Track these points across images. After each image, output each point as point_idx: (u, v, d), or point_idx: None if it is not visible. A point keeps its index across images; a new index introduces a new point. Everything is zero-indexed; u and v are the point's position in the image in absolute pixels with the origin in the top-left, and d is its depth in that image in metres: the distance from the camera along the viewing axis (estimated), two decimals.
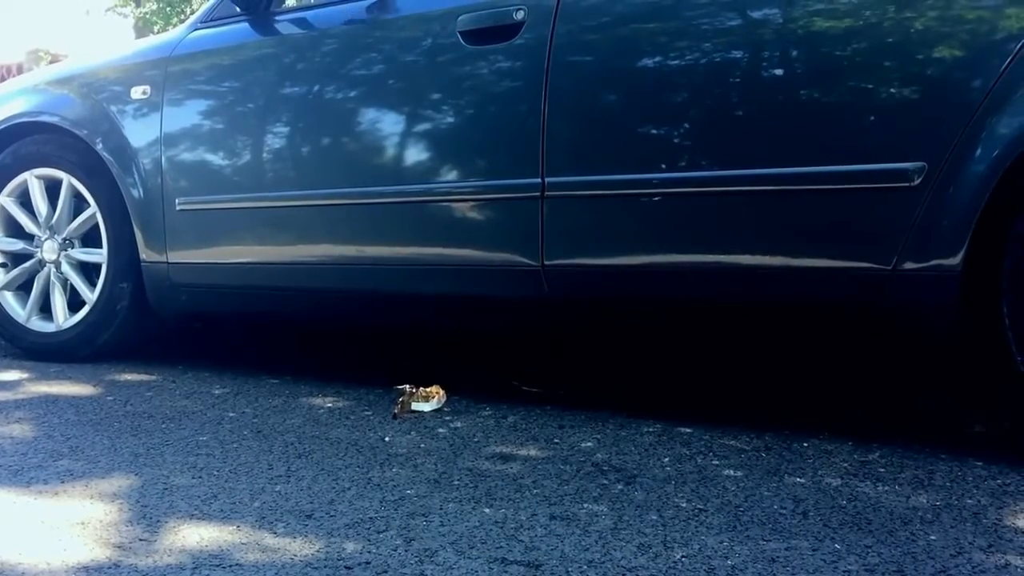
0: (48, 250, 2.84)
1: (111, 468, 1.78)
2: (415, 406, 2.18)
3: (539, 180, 2.06)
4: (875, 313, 1.82)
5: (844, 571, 1.28)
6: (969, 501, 1.55)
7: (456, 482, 1.67)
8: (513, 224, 2.14)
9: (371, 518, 1.50)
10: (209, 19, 2.68)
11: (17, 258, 2.93)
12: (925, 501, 1.55)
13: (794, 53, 1.85)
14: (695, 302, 2.01)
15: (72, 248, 2.83)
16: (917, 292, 1.75)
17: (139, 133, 2.66)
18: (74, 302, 2.85)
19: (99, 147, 2.71)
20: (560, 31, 2.06)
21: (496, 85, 2.16)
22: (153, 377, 2.63)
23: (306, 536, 1.42)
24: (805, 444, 1.89)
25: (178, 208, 2.59)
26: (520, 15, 2.10)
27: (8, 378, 2.62)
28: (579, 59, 2.06)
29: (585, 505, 1.55)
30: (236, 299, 2.64)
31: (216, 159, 2.55)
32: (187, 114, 2.61)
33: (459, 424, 2.08)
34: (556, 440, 1.94)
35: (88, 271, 2.84)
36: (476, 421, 2.11)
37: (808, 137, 1.82)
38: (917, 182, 1.71)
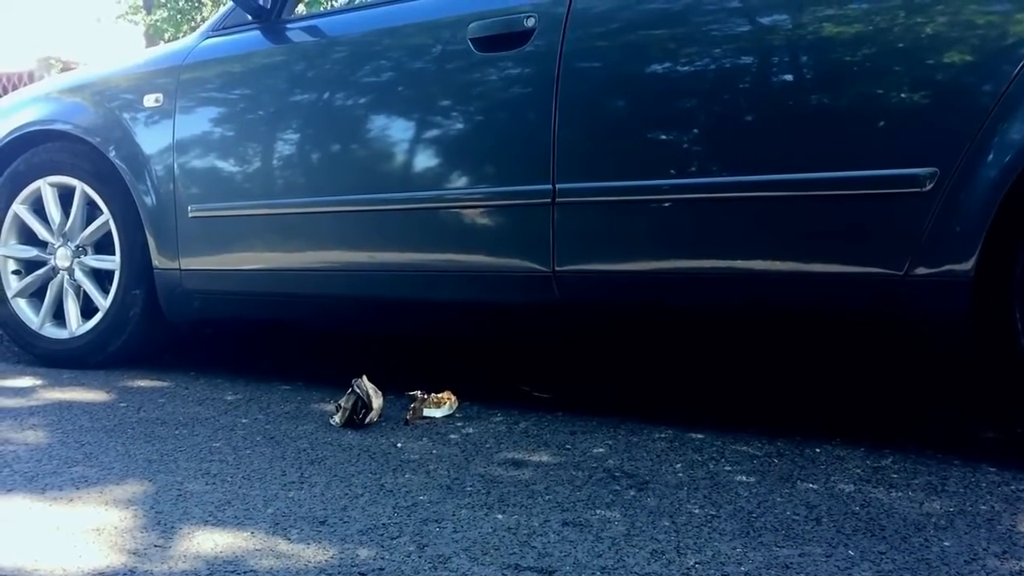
0: (61, 257, 2.86)
1: (125, 474, 1.78)
2: (427, 412, 2.19)
3: (550, 186, 2.06)
4: (886, 319, 1.81)
5: None
6: (983, 507, 1.55)
7: (469, 488, 1.68)
8: (524, 230, 2.14)
9: (384, 524, 1.50)
10: (221, 27, 2.69)
11: (31, 265, 2.95)
12: (939, 507, 1.55)
13: (804, 59, 1.85)
14: (706, 307, 2.01)
15: (85, 255, 2.85)
16: (928, 298, 1.74)
17: (151, 141, 2.68)
18: (87, 309, 2.86)
19: (112, 155, 2.72)
20: (570, 38, 2.06)
21: (506, 92, 2.16)
22: (166, 383, 2.64)
23: (320, 542, 1.43)
24: (818, 450, 1.89)
25: (190, 215, 2.60)
26: (530, 22, 2.11)
27: (22, 385, 2.64)
28: (589, 65, 2.06)
29: (598, 511, 1.55)
30: (248, 305, 2.65)
31: (228, 166, 2.56)
32: (199, 122, 2.62)
33: (471, 430, 2.09)
34: (568, 446, 1.95)
35: (101, 278, 2.85)
36: (488, 427, 2.11)
37: (819, 142, 1.82)
38: (929, 187, 1.71)
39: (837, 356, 2.49)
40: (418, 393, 2.22)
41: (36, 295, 2.95)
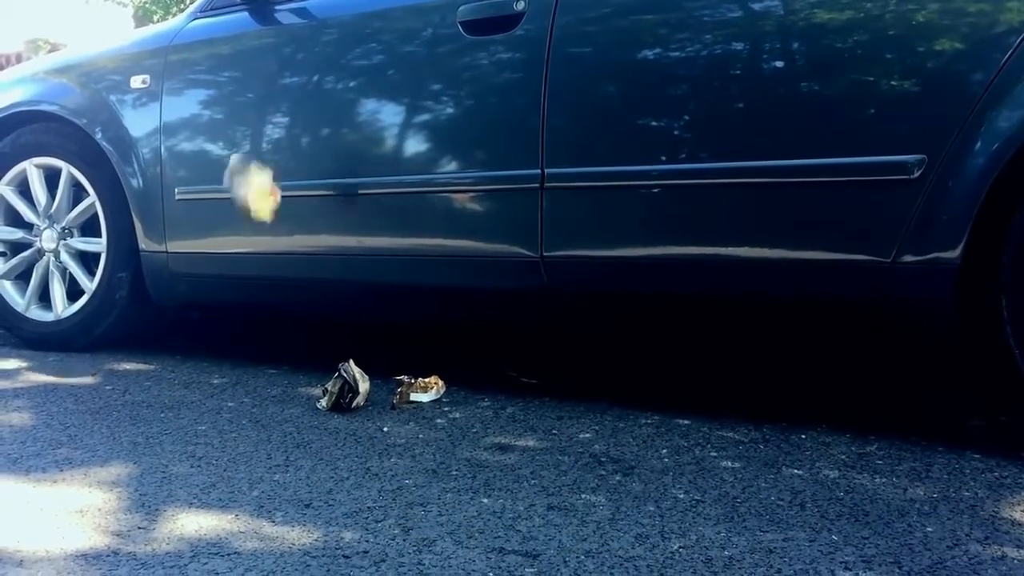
0: (47, 239, 2.84)
1: (110, 457, 1.78)
2: (414, 397, 2.18)
3: (539, 171, 2.06)
4: (874, 306, 1.82)
5: (841, 562, 1.28)
6: (966, 493, 1.56)
7: (454, 472, 1.68)
8: (513, 215, 2.14)
9: (369, 508, 1.50)
10: (209, 8, 2.67)
11: (16, 247, 2.94)
12: (922, 493, 1.56)
13: (795, 45, 1.84)
14: (694, 294, 2.01)
15: (71, 237, 2.83)
16: (916, 285, 1.75)
17: (138, 122, 2.66)
18: (73, 291, 2.85)
19: (98, 136, 2.71)
20: (560, 22, 2.05)
21: (496, 76, 2.15)
22: (152, 367, 2.63)
23: (304, 525, 1.43)
24: (803, 436, 1.89)
25: (177, 198, 2.59)
26: (520, 6, 2.10)
27: (7, 367, 2.62)
28: (579, 50, 2.05)
29: (583, 496, 1.55)
30: (235, 289, 2.64)
31: (215, 149, 2.55)
32: (186, 104, 2.61)
33: (458, 415, 2.08)
34: (554, 431, 1.95)
35: (87, 260, 2.84)
36: (475, 412, 2.11)
37: (808, 129, 1.82)
38: (917, 175, 1.71)
39: (824, 343, 2.49)
40: (405, 378, 2.22)
41: (22, 277, 2.94)
